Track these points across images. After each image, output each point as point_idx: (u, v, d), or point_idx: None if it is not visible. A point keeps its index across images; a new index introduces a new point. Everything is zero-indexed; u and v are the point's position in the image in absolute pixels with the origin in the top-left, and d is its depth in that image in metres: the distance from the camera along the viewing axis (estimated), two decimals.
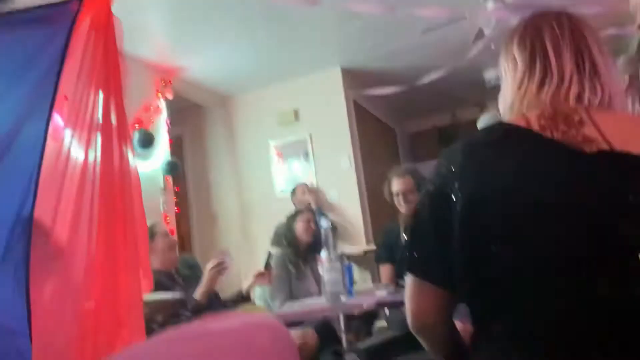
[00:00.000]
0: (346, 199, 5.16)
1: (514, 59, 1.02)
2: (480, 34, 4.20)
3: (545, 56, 0.98)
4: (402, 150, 7.48)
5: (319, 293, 2.89)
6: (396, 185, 3.05)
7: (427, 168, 5.07)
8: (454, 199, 0.90)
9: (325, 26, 4.34)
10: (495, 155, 0.91)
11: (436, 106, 7.04)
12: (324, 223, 2.21)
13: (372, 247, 4.74)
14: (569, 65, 0.96)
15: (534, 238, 0.84)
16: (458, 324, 1.02)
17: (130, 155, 2.01)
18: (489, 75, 5.86)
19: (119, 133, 1.97)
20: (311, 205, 4.76)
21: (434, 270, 0.94)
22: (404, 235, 2.94)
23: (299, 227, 3.23)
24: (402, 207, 3.01)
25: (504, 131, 0.95)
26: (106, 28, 1.69)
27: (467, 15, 3.70)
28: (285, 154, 5.45)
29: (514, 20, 3.92)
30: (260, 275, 2.88)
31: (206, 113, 5.65)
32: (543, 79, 0.97)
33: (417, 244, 0.97)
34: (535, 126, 0.92)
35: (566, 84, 0.95)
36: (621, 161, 0.86)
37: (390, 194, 3.08)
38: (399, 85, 4.85)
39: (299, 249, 3.20)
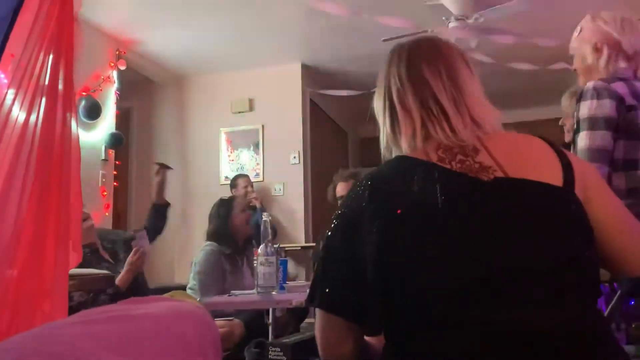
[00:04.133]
0: (290, 194, 5.17)
1: (377, 111, 1.08)
2: None
3: (394, 114, 1.03)
4: (352, 154, 7.56)
5: (255, 287, 2.87)
6: (341, 189, 3.09)
7: None
8: (366, 227, 0.91)
9: (291, 20, 4.33)
10: (402, 185, 0.93)
11: None
12: (264, 216, 2.20)
13: (311, 244, 4.78)
14: (417, 115, 1.00)
15: (441, 265, 0.86)
16: None
17: (73, 124, 1.95)
18: None
19: (64, 99, 1.91)
20: (252, 200, 4.76)
21: (345, 305, 0.94)
22: None
23: (239, 219, 3.06)
24: None
25: (408, 163, 0.97)
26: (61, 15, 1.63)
27: (429, 30, 3.78)
28: (235, 143, 5.40)
29: (473, 42, 4.07)
30: None
31: (159, 90, 5.52)
32: (400, 128, 1.02)
33: (327, 276, 0.97)
34: (434, 158, 0.95)
35: (449, 120, 0.98)
36: (517, 187, 0.90)
37: (334, 197, 3.11)
38: (356, 89, 4.91)
39: (237, 244, 3.04)
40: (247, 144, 5.38)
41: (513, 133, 1.06)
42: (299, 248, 4.73)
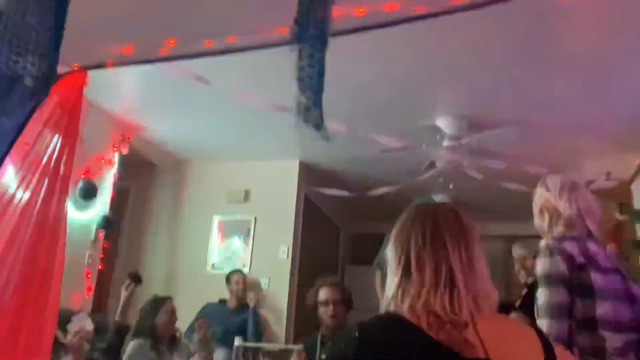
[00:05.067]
0: (275, 290, 5.12)
1: (389, 258, 1.14)
2: (431, 165, 4.45)
3: (408, 269, 1.08)
4: (343, 250, 7.57)
5: None
6: (325, 294, 3.06)
7: (364, 272, 5.12)
8: None
9: (292, 123, 4.48)
10: (387, 353, 0.97)
11: (383, 214, 7.21)
12: (237, 341, 2.15)
13: (291, 346, 4.67)
14: (427, 279, 1.05)
15: None
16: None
17: (64, 207, 2.02)
18: (437, 198, 6.12)
19: (62, 181, 1.99)
20: (246, 299, 4.79)
21: None
22: (320, 349, 2.94)
23: (162, 320, 3.09)
24: (328, 318, 3.00)
25: (396, 327, 1.02)
26: (73, 110, 1.75)
27: (420, 147, 3.92)
28: (227, 231, 5.44)
29: (464, 161, 4.21)
30: None
31: (158, 173, 5.64)
32: (407, 289, 1.06)
33: None
34: (423, 323, 1.00)
35: (426, 295, 1.03)
36: None
37: (315, 302, 3.08)
38: (352, 190, 5.01)
39: (159, 342, 3.06)
40: (238, 234, 5.41)
41: (506, 318, 1.13)
42: (277, 350, 4.61)
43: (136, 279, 3.20)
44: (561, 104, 3.91)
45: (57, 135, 1.99)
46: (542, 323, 1.79)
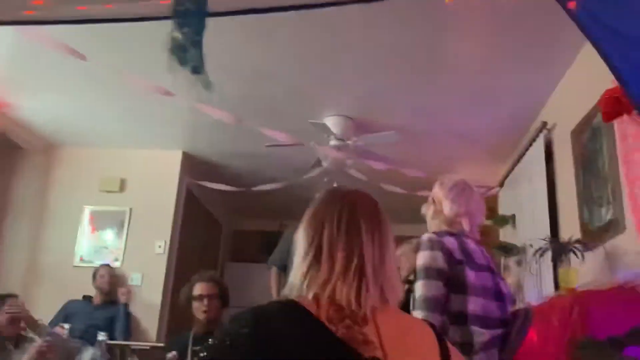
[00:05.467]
0: (149, 287, 4.86)
1: (298, 242, 1.08)
2: (317, 163, 4.49)
3: (319, 253, 1.03)
4: (224, 247, 7.41)
5: None
6: (200, 288, 2.96)
7: (244, 270, 5.08)
8: None
9: (176, 110, 4.29)
10: (282, 342, 0.92)
11: (267, 211, 7.19)
12: (100, 336, 1.97)
13: (161, 344, 4.46)
14: (338, 266, 1.01)
15: None
16: None
17: None
18: None
19: None
20: (113, 295, 4.54)
21: None
22: (191, 347, 2.82)
23: (3, 316, 2.92)
24: (201, 314, 2.90)
25: (294, 313, 0.97)
26: None
27: (308, 144, 3.93)
28: (99, 223, 5.08)
29: (349, 161, 4.29)
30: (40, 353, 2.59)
31: (23, 156, 5.12)
32: (315, 274, 1.02)
33: None
34: (323, 315, 0.95)
35: (333, 282, 1.00)
36: None
37: (189, 297, 2.97)
38: (235, 185, 4.90)
39: (3, 339, 2.88)
40: (111, 226, 5.07)
41: (406, 315, 1.11)
42: (148, 348, 4.38)
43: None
44: (443, 113, 4.12)
45: None
46: (418, 315, 1.83)
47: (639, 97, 1.45)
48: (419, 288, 1.87)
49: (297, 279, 1.03)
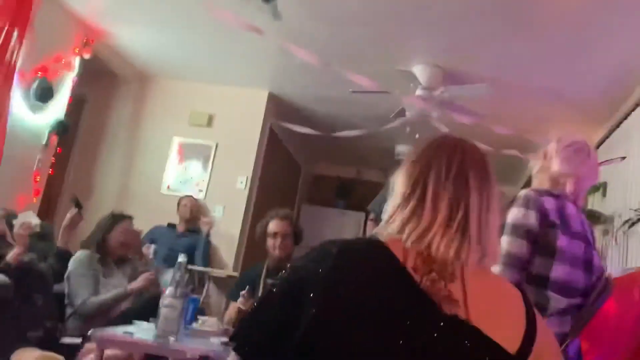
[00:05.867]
0: (229, 219, 5.08)
1: (398, 185, 1.02)
2: (401, 112, 4.41)
3: (422, 197, 0.97)
4: (301, 189, 7.57)
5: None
6: (275, 226, 3.06)
7: (320, 213, 5.19)
8: (310, 302, 0.87)
9: (267, 50, 4.34)
10: (362, 282, 0.90)
11: (345, 158, 7.23)
12: (181, 257, 2.11)
13: (237, 273, 4.71)
14: (442, 213, 0.95)
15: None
16: None
17: (8, 94, 1.88)
18: (399, 149, 6.14)
19: (8, 67, 1.85)
20: (195, 224, 4.77)
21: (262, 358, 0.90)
22: (264, 278, 2.96)
23: (115, 239, 3.03)
24: (275, 249, 3.02)
25: (379, 258, 0.93)
26: None
27: (393, 92, 3.86)
28: (186, 154, 5.32)
29: (435, 114, 4.18)
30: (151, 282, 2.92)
31: (119, 84, 5.40)
32: (412, 216, 0.96)
33: (255, 327, 0.93)
34: (410, 263, 0.91)
35: (434, 230, 0.94)
36: (469, 337, 0.87)
37: (264, 233, 3.08)
38: (317, 129, 4.94)
39: (108, 257, 3.03)
40: (197, 158, 5.30)
41: (497, 277, 1.05)
42: (224, 276, 4.64)
43: (77, 204, 3.08)
44: (537, 68, 3.89)
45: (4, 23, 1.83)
46: (496, 268, 1.80)
47: None
48: (504, 243, 1.81)
49: (394, 221, 0.98)
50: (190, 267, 4.32)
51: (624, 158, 3.61)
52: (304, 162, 7.39)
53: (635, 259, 3.29)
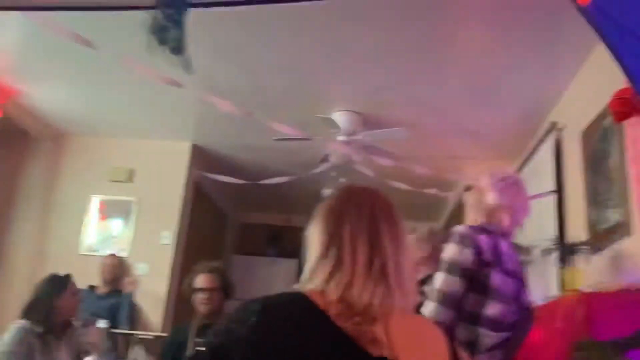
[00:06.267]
0: (155, 277, 4.88)
1: (313, 239, 1.05)
2: (325, 158, 4.48)
3: (341, 251, 1.00)
4: (230, 239, 7.43)
5: None
6: (202, 281, 2.96)
7: (250, 263, 5.07)
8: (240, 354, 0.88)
9: (186, 101, 4.31)
10: (288, 335, 0.91)
11: (274, 206, 7.20)
12: (102, 323, 1.98)
13: (165, 334, 4.49)
14: (360, 264, 0.98)
15: None
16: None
17: None
18: (327, 193, 6.20)
19: None
20: (118, 285, 4.56)
21: None
22: (193, 338, 2.83)
23: (68, 301, 2.82)
24: (202, 306, 2.91)
25: (303, 310, 0.95)
26: None
27: (317, 139, 3.93)
28: (107, 212, 5.10)
29: (356, 156, 4.28)
30: None
31: (32, 144, 5.15)
32: (333, 272, 0.98)
33: None
34: (333, 310, 0.93)
35: (356, 281, 0.97)
36: None
37: (190, 288, 2.97)
38: (244, 178, 4.91)
39: (55, 325, 2.76)
40: (119, 215, 5.10)
41: (418, 317, 1.09)
42: (152, 338, 4.41)
43: None
44: (451, 110, 4.09)
45: None
46: (430, 305, 1.82)
47: None
48: (439, 280, 1.83)
49: (316, 276, 1.00)
50: (114, 330, 4.08)
51: (553, 191, 3.80)
52: (231, 212, 7.29)
53: (553, 286, 3.44)
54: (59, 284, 2.83)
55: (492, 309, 1.80)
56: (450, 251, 1.86)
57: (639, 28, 1.58)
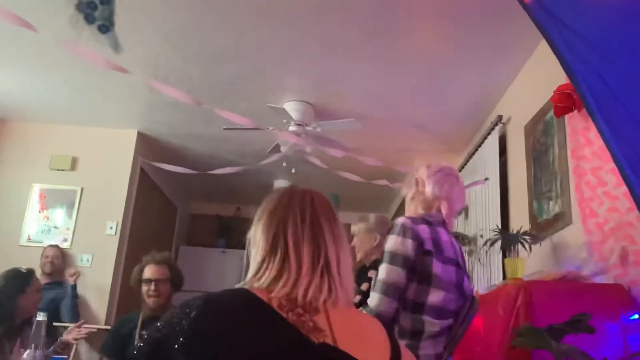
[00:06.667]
0: (99, 268, 4.74)
1: (258, 240, 1.08)
2: (276, 148, 4.45)
3: (285, 252, 1.04)
4: (179, 230, 7.30)
5: None
6: (150, 271, 2.90)
7: (199, 254, 5.00)
8: (176, 355, 0.89)
9: (133, 88, 4.18)
10: (230, 324, 0.92)
11: (224, 196, 7.12)
12: (40, 315, 1.89)
13: (108, 326, 4.38)
14: (305, 264, 1.03)
15: None
16: None
17: None
18: (278, 183, 6.18)
19: None
20: (58, 276, 4.41)
21: None
22: (139, 330, 2.77)
23: (31, 299, 2.72)
24: (150, 298, 2.85)
25: (246, 302, 0.97)
26: None
27: (267, 129, 3.90)
28: (48, 201, 4.91)
29: (308, 148, 4.27)
30: None
31: None
32: (280, 272, 1.02)
33: None
34: (275, 302, 0.97)
35: (302, 280, 1.01)
36: (340, 359, 0.93)
37: (140, 280, 2.91)
38: (193, 168, 4.81)
39: (13, 323, 2.65)
40: (61, 205, 4.92)
41: (357, 311, 1.14)
42: (96, 330, 4.29)
43: None
44: (400, 102, 4.14)
45: None
46: (374, 296, 1.84)
47: (586, 92, 1.48)
48: (382, 271, 1.86)
49: (261, 277, 1.03)
50: (56, 324, 3.94)
51: (487, 179, 3.92)
52: (180, 202, 7.15)
53: (497, 276, 3.56)
54: (21, 281, 2.73)
55: (435, 297, 1.85)
56: (392, 242, 1.90)
57: (577, 25, 1.63)
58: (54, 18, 3.04)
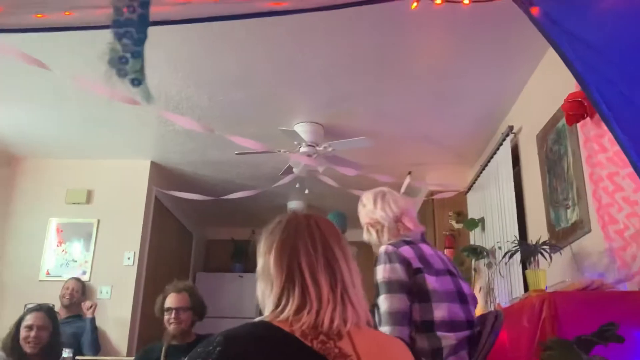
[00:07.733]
0: (118, 299, 4.75)
1: (271, 273, 1.06)
2: (289, 170, 4.47)
3: (303, 282, 1.02)
4: (195, 256, 7.31)
5: None
6: (170, 300, 2.92)
7: (217, 279, 4.99)
8: None
9: (145, 118, 4.24)
10: (259, 356, 0.91)
11: (238, 220, 7.13)
12: (65, 352, 1.91)
13: (131, 358, 4.37)
14: (325, 292, 1.02)
15: None
16: None
17: None
18: (292, 205, 6.19)
19: None
20: (78, 309, 4.42)
21: None
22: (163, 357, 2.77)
23: (22, 333, 2.77)
24: (171, 326, 2.87)
25: (267, 330, 0.96)
26: None
27: (279, 151, 3.92)
28: (66, 235, 4.95)
29: (320, 167, 4.28)
30: None
31: None
32: (302, 303, 1.00)
33: None
34: (297, 332, 0.95)
35: (326, 308, 1.00)
36: None
37: (162, 308, 2.92)
38: (206, 194, 4.84)
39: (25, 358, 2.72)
40: (78, 238, 4.96)
41: (379, 332, 1.15)
42: None
43: None
44: (410, 118, 4.15)
45: None
46: (385, 330, 1.83)
47: (600, 100, 1.48)
48: (383, 302, 1.86)
49: (283, 310, 1.01)
50: (78, 358, 3.95)
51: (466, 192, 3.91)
52: (195, 228, 7.18)
53: (517, 287, 3.51)
54: (21, 316, 2.81)
55: (440, 312, 1.84)
56: (381, 272, 1.90)
57: (587, 35, 1.64)
58: (65, 55, 3.11)
